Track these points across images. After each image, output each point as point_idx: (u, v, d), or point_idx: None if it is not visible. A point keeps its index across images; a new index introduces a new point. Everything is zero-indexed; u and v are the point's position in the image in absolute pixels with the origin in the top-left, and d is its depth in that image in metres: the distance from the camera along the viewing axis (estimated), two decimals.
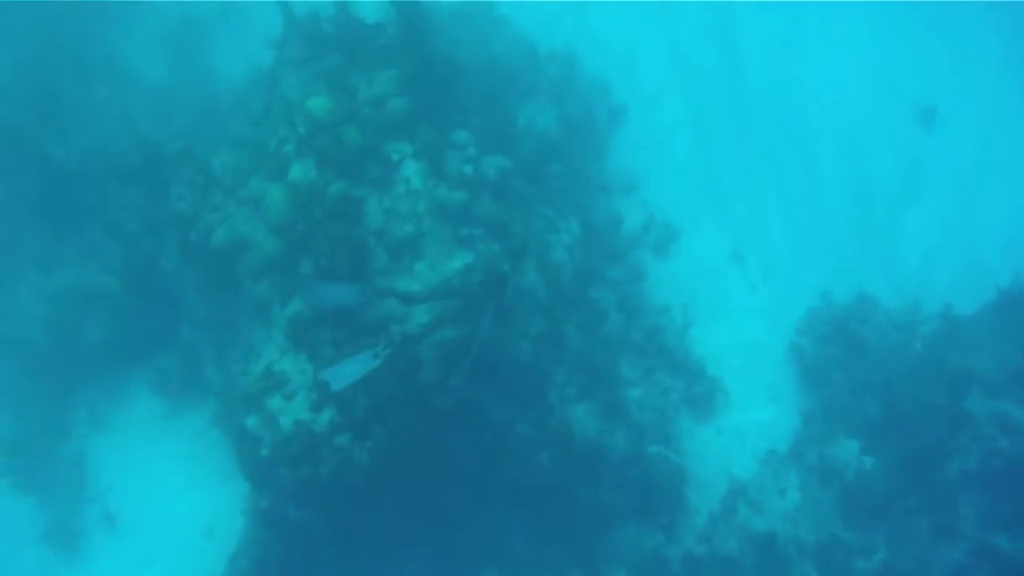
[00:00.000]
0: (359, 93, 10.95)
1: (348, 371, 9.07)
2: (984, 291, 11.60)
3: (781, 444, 11.86)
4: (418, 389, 9.84)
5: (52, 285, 12.94)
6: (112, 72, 14.88)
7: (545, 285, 10.98)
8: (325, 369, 9.17)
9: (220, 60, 15.25)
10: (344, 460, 9.73)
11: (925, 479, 10.40)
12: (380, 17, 11.38)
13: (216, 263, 11.18)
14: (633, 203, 13.68)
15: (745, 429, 12.11)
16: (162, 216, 11.79)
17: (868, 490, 10.63)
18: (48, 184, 13.03)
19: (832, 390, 11.84)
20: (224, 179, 11.29)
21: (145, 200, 12.01)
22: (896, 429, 10.76)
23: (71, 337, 12.95)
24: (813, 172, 14.03)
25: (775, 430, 12.02)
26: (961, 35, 14.57)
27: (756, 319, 12.93)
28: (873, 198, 13.78)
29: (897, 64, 14.55)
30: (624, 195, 13.76)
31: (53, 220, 13.17)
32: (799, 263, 13.34)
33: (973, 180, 13.64)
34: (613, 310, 12.14)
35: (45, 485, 13.05)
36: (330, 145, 10.38)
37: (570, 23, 14.79)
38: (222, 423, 12.16)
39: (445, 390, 9.94)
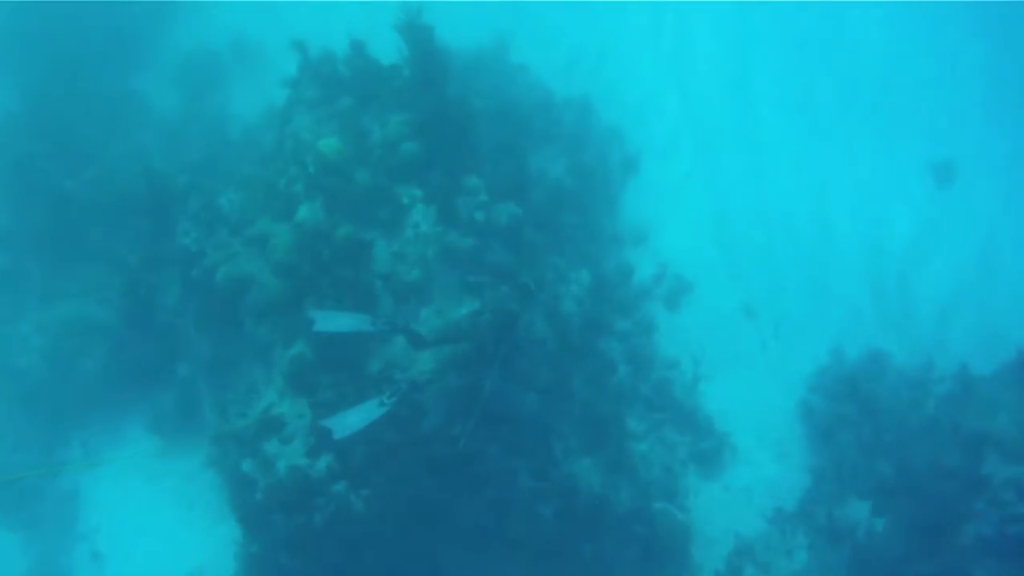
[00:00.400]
0: (371, 135, 10.87)
1: (352, 420, 8.84)
2: (1000, 351, 11.35)
3: (789, 503, 11.59)
4: (419, 437, 9.60)
5: (51, 317, 12.80)
6: (126, 104, 14.86)
7: (553, 335, 10.80)
8: (329, 417, 8.92)
9: (234, 97, 15.25)
10: (340, 508, 9.49)
11: (938, 544, 10.07)
12: (396, 60, 11.31)
13: (219, 302, 11.03)
14: (644, 254, 13.56)
15: (753, 487, 11.84)
16: (166, 251, 11.69)
17: (879, 553, 10.32)
18: (56, 215, 12.93)
19: (843, 449, 11.59)
20: (231, 216, 11.19)
21: (150, 233, 11.92)
22: (909, 491, 10.48)
23: (68, 370, 12.78)
24: (827, 226, 13.87)
25: (783, 488, 11.75)
26: (981, 90, 14.49)
27: (766, 375, 12.70)
28: (887, 254, 13.61)
29: (915, 118, 14.46)
30: (635, 246, 13.63)
31: (58, 251, 13.05)
32: (811, 319, 13.13)
33: (989, 237, 13.47)
34: (621, 362, 11.94)
35: (34, 521, 12.79)
36: (340, 186, 10.28)
37: (585, 72, 14.79)
38: (217, 465, 11.92)
39: (448, 439, 9.71)
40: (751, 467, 11.99)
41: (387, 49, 11.34)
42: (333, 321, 9.13)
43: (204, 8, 15.85)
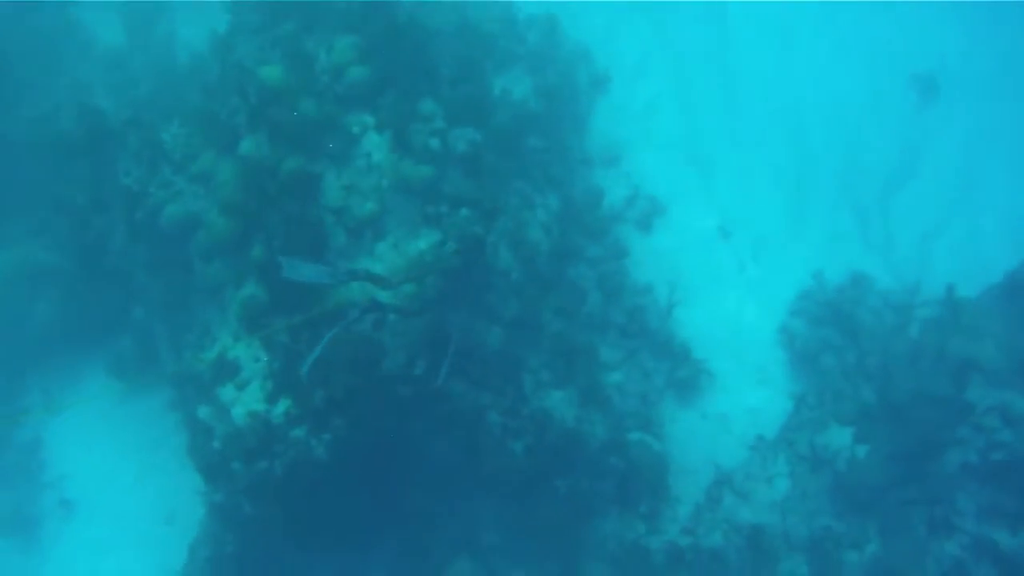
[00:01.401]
0: (317, 61, 10.19)
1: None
2: (985, 274, 10.93)
3: (770, 430, 11.26)
4: (381, 378, 9.20)
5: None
6: (67, 35, 14.02)
7: (519, 265, 10.32)
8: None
9: (181, 24, 14.38)
10: (301, 454, 9.13)
11: (922, 471, 9.80)
12: None
13: (166, 242, 10.53)
14: (616, 176, 12.94)
15: (732, 414, 11.50)
16: (109, 192, 11.10)
17: (861, 480, 10.03)
18: None
19: (825, 375, 11.22)
20: (174, 153, 10.56)
21: (91, 174, 11.30)
22: (892, 418, 10.15)
23: (21, 318, 12.30)
24: (806, 144, 13.20)
25: (764, 415, 11.41)
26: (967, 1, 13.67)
27: (745, 298, 12.23)
28: (869, 173, 12.94)
29: (896, 32, 13.63)
30: (606, 168, 13.01)
31: (1, 195, 12.43)
32: (791, 241, 12.59)
33: (975, 156, 12.75)
34: (593, 290, 11.45)
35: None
36: (284, 117, 9.64)
37: None
38: (178, 408, 11.60)
39: (410, 380, 9.33)
40: (730, 394, 11.63)
41: None
42: (299, 270, 8.61)
43: None
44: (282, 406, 9.21)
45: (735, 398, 11.58)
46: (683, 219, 12.77)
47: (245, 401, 9.31)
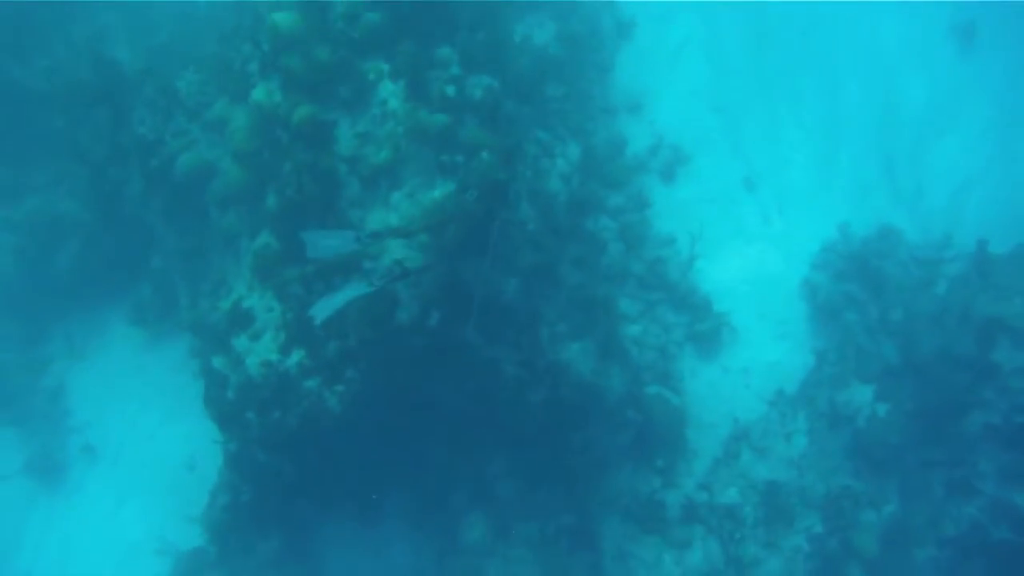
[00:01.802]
0: (332, 6, 9.95)
1: (338, 298, 8.38)
2: (1018, 230, 10.53)
3: (790, 385, 11.09)
4: (395, 330, 9.11)
5: (20, 213, 12.30)
6: None
7: (537, 215, 10.14)
8: (316, 304, 8.42)
9: None
10: (314, 405, 9.12)
11: (943, 431, 9.60)
12: None
13: (182, 191, 10.50)
14: (639, 125, 12.62)
15: (752, 368, 11.32)
16: (126, 141, 11.03)
17: (881, 439, 9.86)
18: (11, 107, 12.23)
19: (847, 330, 10.94)
20: (189, 101, 10.50)
21: (108, 123, 11.23)
22: (915, 377, 9.93)
23: (42, 267, 12.39)
24: (836, 93, 12.70)
25: (784, 370, 11.21)
26: None
27: (768, 251, 11.93)
28: (901, 123, 12.41)
29: None
30: (630, 116, 12.68)
31: (20, 144, 12.43)
32: (817, 192, 12.21)
33: (1012, 108, 12.17)
34: (613, 241, 11.26)
35: (25, 417, 12.70)
36: (297, 64, 9.46)
37: None
38: (198, 356, 11.64)
39: (424, 332, 9.23)
40: (751, 348, 11.42)
41: None
42: (322, 245, 8.48)
43: None
44: (295, 357, 9.19)
45: (756, 352, 11.38)
46: (707, 169, 12.44)
47: (259, 351, 9.31)
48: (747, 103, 12.78)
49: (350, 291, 8.46)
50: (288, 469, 9.83)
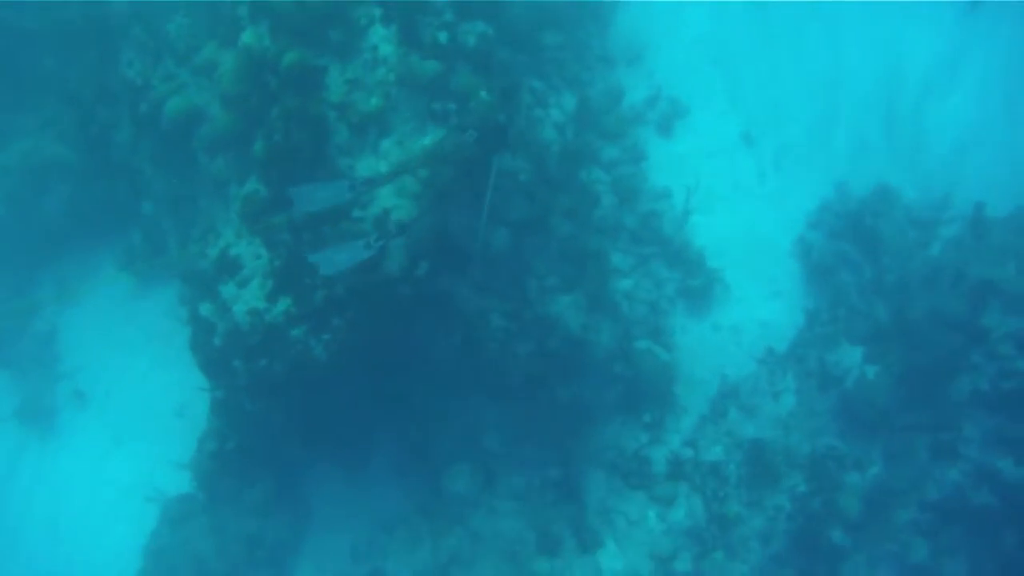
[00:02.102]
0: None
1: (339, 258, 8.34)
2: (1018, 193, 10.37)
3: (780, 344, 11.02)
4: (382, 280, 9.03)
5: (9, 157, 12.14)
6: None
7: (529, 165, 9.99)
8: (316, 254, 8.39)
9: None
10: (301, 354, 9.07)
11: (930, 395, 9.56)
12: None
13: (171, 136, 10.33)
14: (637, 76, 12.38)
15: (743, 326, 11.24)
16: (115, 84, 10.87)
17: (868, 401, 9.82)
18: (1, 50, 12.03)
19: (840, 290, 10.85)
20: (178, 44, 10.29)
21: (97, 66, 11.07)
22: (905, 339, 9.85)
23: (32, 211, 12.27)
24: (839, 49, 12.40)
25: (775, 329, 11.14)
26: None
27: (764, 208, 11.78)
28: (903, 81, 12.14)
29: None
30: (628, 67, 12.43)
31: (9, 86, 12.24)
32: (815, 150, 12.00)
33: (1017, 70, 11.86)
34: (606, 193, 11.11)
35: (16, 360, 12.71)
36: (287, 7, 9.26)
37: None
38: (188, 303, 11.60)
39: (411, 282, 9.15)
40: (743, 306, 11.32)
41: None
42: (313, 197, 8.36)
43: None
44: (282, 305, 9.11)
45: (747, 310, 11.29)
46: (705, 123, 12.23)
47: (246, 299, 9.21)
48: (748, 57, 12.52)
49: (349, 254, 8.44)
50: (274, 417, 9.85)
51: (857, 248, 10.85)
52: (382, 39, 9.45)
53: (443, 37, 9.44)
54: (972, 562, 9.45)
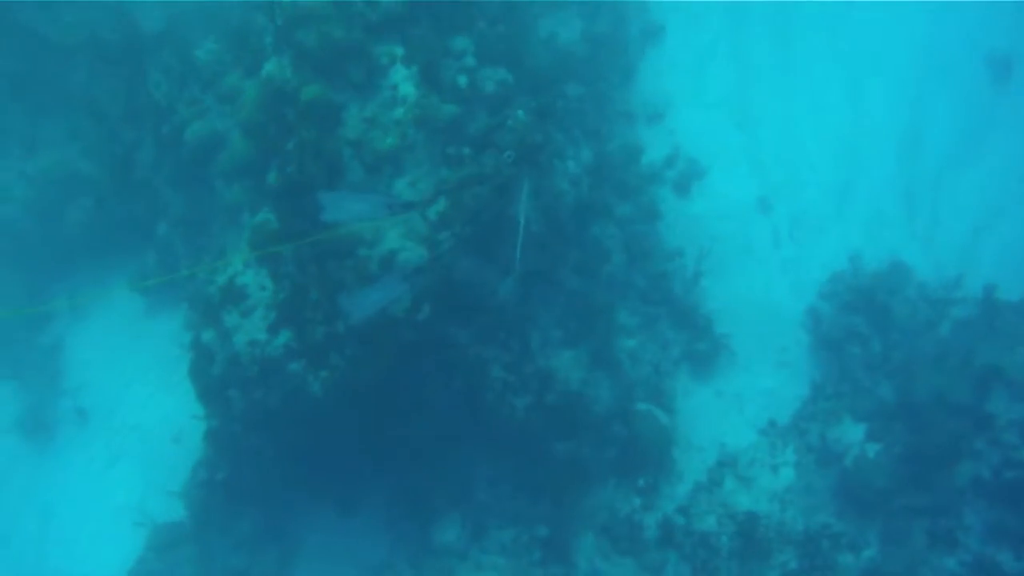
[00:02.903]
0: None
1: (372, 299, 8.31)
2: None
3: (783, 415, 10.83)
4: (384, 321, 8.99)
5: (35, 167, 12.31)
6: None
7: (540, 216, 9.96)
8: (344, 295, 8.46)
9: None
10: (297, 388, 9.03)
11: (931, 479, 9.33)
12: None
13: (191, 160, 10.48)
14: (658, 133, 12.37)
15: (747, 394, 11.06)
16: (141, 104, 11.03)
17: (868, 481, 9.58)
18: (34, 60, 12.24)
19: (847, 364, 10.67)
20: (205, 70, 10.46)
21: (125, 85, 11.23)
22: (908, 419, 9.66)
23: (52, 222, 12.38)
24: (862, 119, 12.36)
25: (779, 399, 10.95)
26: None
27: (776, 276, 11.65)
28: (925, 155, 12.09)
29: (975, 5, 12.60)
30: (649, 124, 12.45)
31: (41, 98, 12.43)
32: (832, 219, 11.89)
33: None
34: (617, 250, 10.99)
35: (20, 372, 12.76)
36: (311, 41, 9.35)
37: None
38: (193, 328, 11.62)
39: (413, 326, 9.09)
40: (748, 373, 11.16)
41: None
42: (344, 206, 8.26)
43: None
44: (282, 338, 9.10)
45: (752, 378, 11.13)
46: (723, 186, 12.15)
47: (247, 329, 9.21)
48: (770, 120, 12.47)
49: (384, 291, 8.44)
50: (266, 451, 9.77)
51: (867, 323, 10.68)
52: (403, 79, 9.51)
53: (463, 81, 9.49)
54: None
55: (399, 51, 9.61)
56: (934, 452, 9.31)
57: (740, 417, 10.90)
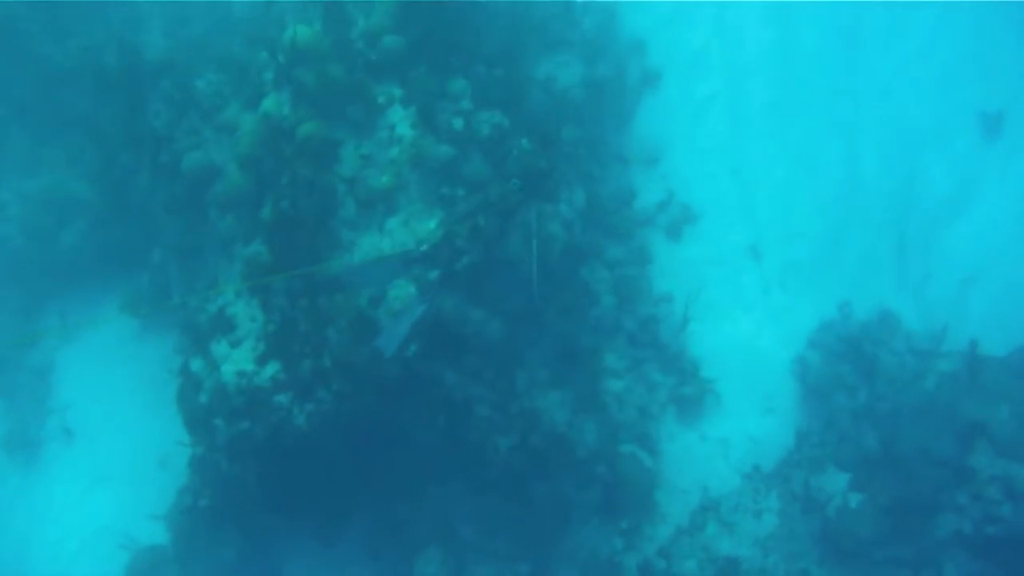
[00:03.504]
0: (355, 25, 10.00)
1: (401, 328, 8.68)
2: (1020, 332, 10.29)
3: (768, 462, 10.88)
4: (371, 357, 9.04)
5: (32, 187, 12.38)
6: None
7: (530, 258, 10.05)
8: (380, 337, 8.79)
9: None
10: (282, 421, 9.08)
11: (913, 530, 9.38)
12: None
13: (187, 188, 10.53)
14: (652, 178, 12.45)
15: (732, 440, 11.09)
16: (141, 130, 11.12)
17: (850, 530, 9.64)
18: (39, 82, 12.35)
19: (833, 414, 10.74)
20: (204, 101, 10.57)
21: (126, 111, 11.33)
22: (892, 470, 9.71)
23: (47, 244, 12.41)
24: (854, 170, 12.46)
25: (764, 446, 10.99)
26: None
27: (765, 323, 11.71)
28: (916, 207, 12.20)
29: (969, 63, 12.74)
30: (643, 168, 12.52)
31: (42, 120, 12.53)
32: (822, 268, 11.96)
33: None
34: (607, 293, 11.07)
35: (10, 389, 12.77)
36: (310, 79, 9.49)
37: None
38: (182, 354, 11.65)
39: (401, 362, 9.15)
40: (734, 419, 11.18)
41: None
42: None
43: None
44: (270, 370, 9.17)
45: (738, 423, 11.15)
46: (715, 232, 12.22)
47: (236, 359, 9.30)
48: (765, 166, 12.56)
49: (409, 314, 8.62)
50: (249, 481, 9.78)
51: (854, 372, 10.75)
52: (400, 119, 9.67)
53: (459, 124, 9.62)
54: None
55: (397, 91, 9.79)
56: (916, 503, 9.36)
57: (725, 462, 10.93)
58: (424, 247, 9.00)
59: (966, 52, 12.73)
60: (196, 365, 9.67)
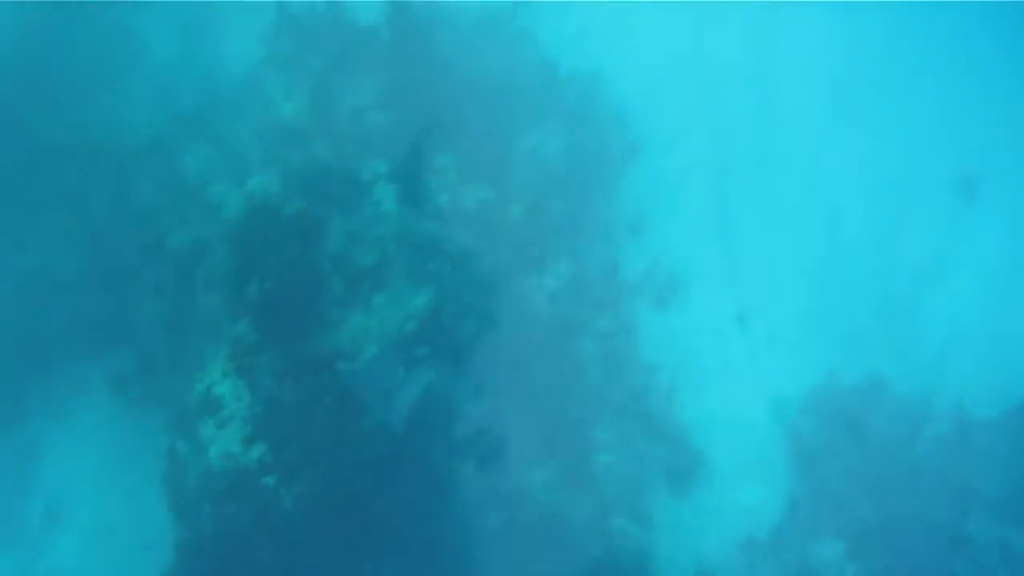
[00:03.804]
0: (340, 103, 10.13)
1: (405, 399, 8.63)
2: (1006, 393, 10.31)
3: (762, 531, 10.77)
4: (358, 435, 8.96)
5: (22, 265, 12.34)
6: (121, 45, 14.16)
7: (516, 333, 10.05)
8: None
9: (231, 47, 14.43)
10: (269, 502, 8.94)
11: None
12: (376, 20, 10.51)
13: (174, 265, 10.53)
14: (637, 247, 12.57)
15: (725, 510, 11.01)
16: (128, 208, 11.14)
17: None
18: (30, 156, 12.37)
19: (826, 480, 10.69)
20: (191, 179, 10.61)
21: (114, 186, 11.36)
22: (887, 537, 9.64)
23: (35, 321, 12.33)
24: (837, 235, 12.66)
25: (758, 515, 10.92)
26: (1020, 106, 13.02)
27: (754, 390, 11.73)
28: (898, 271, 12.37)
29: (946, 130, 13.02)
30: (628, 237, 12.64)
31: (31, 193, 12.54)
32: (808, 334, 12.06)
33: (1009, 265, 12.08)
34: (595, 364, 11.07)
35: None
36: (296, 157, 9.57)
37: (596, 46, 13.58)
38: (168, 434, 11.51)
39: (388, 438, 9.07)
40: (726, 488, 11.14)
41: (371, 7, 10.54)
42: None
43: None
44: (257, 451, 9.06)
45: (731, 493, 11.09)
46: (701, 300, 12.32)
47: (223, 441, 9.18)
48: (749, 234, 12.69)
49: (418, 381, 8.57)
50: (236, 563, 9.60)
51: (846, 438, 10.74)
52: (385, 196, 9.70)
53: (444, 199, 9.68)
54: None
55: (382, 168, 9.83)
56: (912, 571, 9.24)
57: (718, 533, 10.82)
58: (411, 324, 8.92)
59: (944, 116, 12.96)
60: (183, 448, 9.56)
